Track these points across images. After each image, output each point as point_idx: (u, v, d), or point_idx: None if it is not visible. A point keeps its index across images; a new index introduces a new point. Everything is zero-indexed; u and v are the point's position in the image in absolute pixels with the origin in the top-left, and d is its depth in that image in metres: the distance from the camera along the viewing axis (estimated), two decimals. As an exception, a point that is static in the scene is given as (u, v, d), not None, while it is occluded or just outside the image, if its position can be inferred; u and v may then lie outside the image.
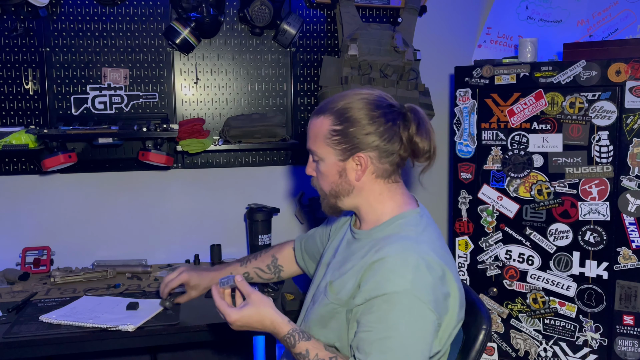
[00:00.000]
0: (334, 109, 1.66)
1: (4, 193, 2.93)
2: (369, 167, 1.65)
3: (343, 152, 1.65)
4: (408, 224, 1.65)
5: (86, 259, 3.00)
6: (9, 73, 2.83)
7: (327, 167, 1.69)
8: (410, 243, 1.56)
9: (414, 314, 1.47)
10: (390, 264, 1.51)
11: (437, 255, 1.57)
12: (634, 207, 2.42)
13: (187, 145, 2.81)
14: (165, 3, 2.93)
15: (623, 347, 2.48)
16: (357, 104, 1.64)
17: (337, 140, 1.64)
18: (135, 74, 2.95)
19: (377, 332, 1.48)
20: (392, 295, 1.47)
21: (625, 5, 3.02)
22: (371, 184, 1.68)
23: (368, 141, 1.62)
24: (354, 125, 1.62)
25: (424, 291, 1.48)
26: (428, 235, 1.63)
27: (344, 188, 1.69)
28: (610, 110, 2.43)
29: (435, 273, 1.52)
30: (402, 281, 1.47)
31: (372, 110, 1.63)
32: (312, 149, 1.71)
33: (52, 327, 2.21)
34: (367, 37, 2.99)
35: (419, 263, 1.50)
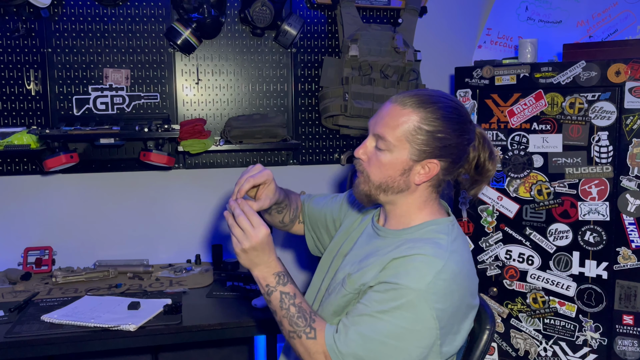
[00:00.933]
0: (426, 107, 1.59)
1: (6, 193, 2.94)
2: (434, 175, 1.61)
3: (420, 153, 1.58)
4: (440, 231, 1.62)
5: (88, 259, 3.01)
6: (11, 74, 2.84)
7: (392, 160, 1.60)
8: (442, 250, 1.53)
9: (415, 314, 1.45)
10: (415, 262, 1.49)
11: (465, 269, 1.56)
12: (634, 207, 2.42)
13: (189, 146, 2.82)
14: (166, 4, 2.94)
15: (623, 347, 2.48)
16: (449, 111, 1.60)
17: (421, 141, 1.57)
18: (136, 74, 2.96)
19: (372, 310, 1.48)
20: (404, 288, 1.46)
21: (625, 6, 3.03)
22: (423, 190, 1.64)
23: (448, 152, 1.59)
24: (443, 132, 1.57)
25: (436, 297, 1.45)
26: (458, 245, 1.60)
27: (398, 185, 1.63)
28: (609, 111, 2.43)
29: (452, 287, 1.50)
30: (420, 280, 1.46)
31: (460, 123, 1.60)
32: (386, 137, 1.60)
33: (54, 326, 2.22)
34: (367, 38, 3.00)
35: (444, 270, 1.48)
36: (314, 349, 1.52)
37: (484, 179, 1.69)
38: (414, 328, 1.45)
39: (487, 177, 1.69)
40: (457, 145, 1.59)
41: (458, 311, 1.53)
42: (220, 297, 2.57)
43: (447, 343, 1.52)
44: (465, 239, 1.68)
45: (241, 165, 3.12)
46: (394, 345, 1.46)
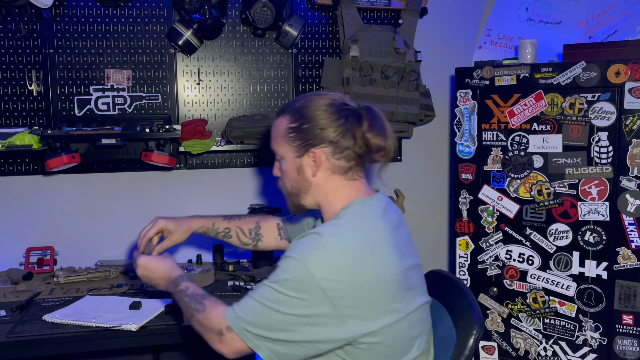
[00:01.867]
0: (291, 108, 1.75)
1: (8, 193, 2.95)
2: (323, 163, 1.70)
3: (299, 149, 1.72)
4: (348, 212, 1.69)
5: (89, 259, 3.02)
6: (12, 74, 2.85)
7: (287, 165, 1.77)
8: (334, 228, 1.61)
9: (302, 284, 1.52)
10: (308, 237, 1.58)
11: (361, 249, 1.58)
12: (633, 207, 2.43)
13: (190, 146, 2.83)
14: (167, 5, 2.95)
15: (622, 347, 2.49)
16: (313, 103, 1.71)
17: (293, 137, 1.72)
18: (138, 75, 2.97)
19: (271, 281, 1.57)
20: (289, 258, 1.55)
21: (625, 7, 3.03)
22: (327, 180, 1.73)
23: (322, 137, 1.68)
24: (308, 122, 1.69)
25: (321, 269, 1.51)
26: (360, 225, 1.64)
27: (303, 185, 1.76)
28: (609, 111, 2.44)
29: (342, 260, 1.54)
30: (305, 252, 1.53)
31: (326, 108, 1.69)
32: (273, 148, 1.80)
33: (56, 326, 2.22)
34: (368, 39, 3.00)
35: (331, 244, 1.54)
36: (204, 318, 1.69)
37: (375, 153, 1.73)
38: (298, 297, 1.52)
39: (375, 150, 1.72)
40: (328, 128, 1.68)
41: (359, 288, 1.54)
42: (221, 297, 2.56)
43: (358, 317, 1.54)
44: (378, 220, 1.69)
45: (242, 166, 3.13)
46: (284, 312, 1.53)
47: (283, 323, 1.54)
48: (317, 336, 1.54)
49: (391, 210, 1.79)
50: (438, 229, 3.54)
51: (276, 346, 1.57)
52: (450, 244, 3.54)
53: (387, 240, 1.65)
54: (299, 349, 1.57)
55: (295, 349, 1.57)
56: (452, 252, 2.91)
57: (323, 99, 1.72)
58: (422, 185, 3.44)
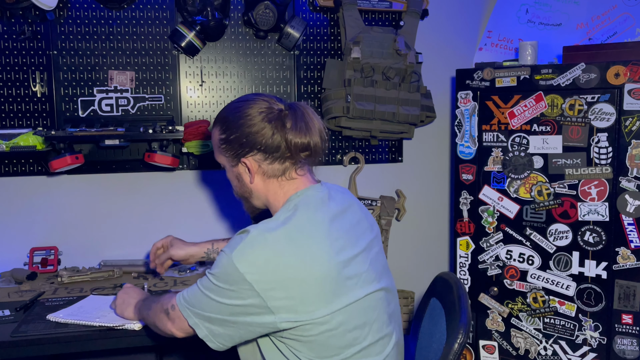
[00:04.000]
0: (219, 118, 1.81)
1: (12, 194, 2.96)
2: (257, 169, 1.76)
3: (232, 159, 1.79)
4: (279, 213, 1.73)
5: (93, 259, 3.03)
6: (17, 75, 2.86)
7: (228, 174, 1.87)
8: (265, 224, 1.67)
9: (229, 276, 1.60)
10: (239, 235, 1.66)
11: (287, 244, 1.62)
12: (633, 207, 2.44)
13: (193, 147, 2.84)
14: (170, 7, 2.96)
15: (622, 346, 2.50)
16: (239, 111, 1.75)
17: (225, 148, 1.79)
18: (141, 76, 2.98)
19: (209, 272, 1.68)
20: (222, 253, 1.63)
21: (624, 9, 3.04)
22: (265, 184, 1.79)
23: (249, 145, 1.73)
24: (235, 132, 1.74)
25: (245, 263, 1.58)
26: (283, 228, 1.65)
27: (245, 191, 1.84)
28: (609, 112, 2.45)
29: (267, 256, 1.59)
30: (232, 247, 1.61)
31: (252, 115, 1.73)
32: (217, 159, 1.88)
33: (59, 326, 2.22)
34: (369, 40, 3.02)
35: (249, 241, 1.61)
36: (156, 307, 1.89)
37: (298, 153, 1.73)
38: (228, 288, 1.61)
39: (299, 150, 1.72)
40: (254, 135, 1.71)
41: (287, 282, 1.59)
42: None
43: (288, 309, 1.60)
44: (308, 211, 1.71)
45: (244, 166, 3.14)
46: (215, 300, 1.64)
47: (217, 309, 1.65)
48: (249, 322, 1.63)
49: (333, 199, 1.80)
50: (439, 229, 3.55)
51: (212, 325, 1.68)
52: (451, 244, 3.55)
53: (319, 233, 1.67)
54: (234, 331, 1.66)
55: (230, 330, 1.67)
56: (452, 252, 2.93)
57: (248, 106, 1.75)
58: (423, 186, 3.46)
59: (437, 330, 1.88)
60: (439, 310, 1.93)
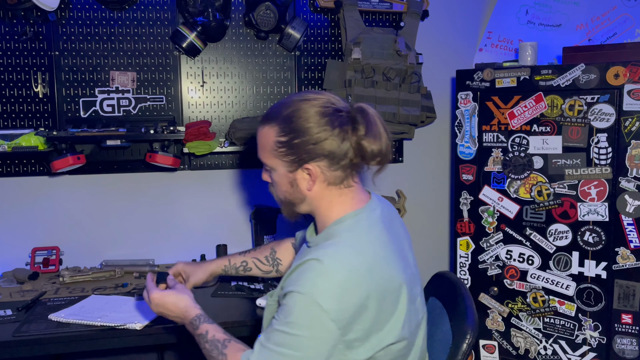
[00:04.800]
0: (279, 118, 1.61)
1: (14, 194, 2.97)
2: (319, 176, 1.61)
3: (291, 164, 1.61)
4: (342, 229, 1.61)
5: (94, 259, 3.03)
6: (18, 76, 2.87)
7: (279, 178, 1.66)
8: (331, 250, 1.52)
9: (311, 319, 1.45)
10: (305, 267, 1.49)
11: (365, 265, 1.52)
12: (632, 207, 2.45)
13: (194, 147, 2.85)
14: (172, 8, 2.97)
15: (621, 345, 2.51)
16: (302, 112, 1.58)
17: (284, 152, 1.60)
18: (142, 77, 2.99)
19: (280, 323, 1.49)
20: (295, 294, 1.46)
21: (624, 9, 3.04)
22: (323, 191, 1.64)
23: (316, 151, 1.57)
24: (300, 136, 1.57)
25: (328, 299, 1.44)
26: (358, 241, 1.57)
27: (297, 197, 1.66)
28: (608, 113, 2.46)
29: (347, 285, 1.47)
30: (307, 285, 1.45)
31: (318, 118, 1.57)
32: (263, 160, 1.69)
33: (61, 325, 2.23)
34: (370, 41, 3.02)
35: (330, 271, 1.47)
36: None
37: (371, 160, 1.63)
38: (310, 335, 1.46)
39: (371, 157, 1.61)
40: (323, 141, 1.56)
41: (365, 308, 1.49)
42: (225, 297, 2.59)
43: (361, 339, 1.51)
44: (378, 229, 1.63)
45: (245, 167, 3.15)
46: (293, 355, 1.47)
47: None
48: None
49: (385, 214, 1.72)
50: (439, 230, 3.56)
51: None
52: (451, 244, 3.55)
53: (388, 253, 1.59)
54: None
55: None
56: (453, 252, 2.93)
57: (312, 106, 1.58)
58: (423, 186, 3.46)
59: (439, 330, 1.84)
60: (440, 310, 1.90)
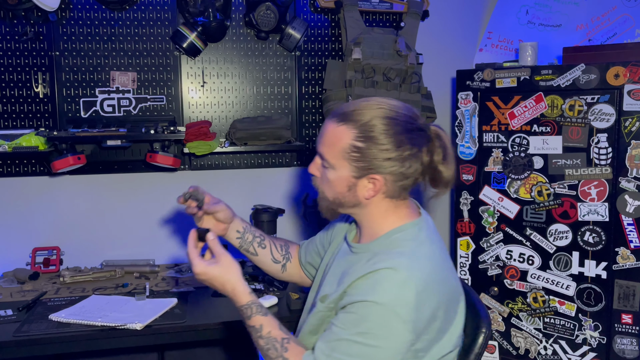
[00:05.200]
0: (358, 122, 1.55)
1: (15, 194, 2.97)
2: (381, 188, 1.58)
3: (359, 170, 1.56)
4: (406, 237, 1.59)
5: (95, 259, 3.04)
6: (19, 76, 2.87)
7: (337, 178, 1.60)
8: (405, 260, 1.50)
9: (389, 329, 1.43)
10: (380, 276, 1.46)
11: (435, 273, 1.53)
12: (632, 207, 2.45)
13: (194, 148, 2.85)
14: (172, 8, 2.97)
15: (622, 345, 2.51)
16: (383, 123, 1.54)
17: (356, 158, 1.55)
18: (143, 77, 2.99)
19: (349, 333, 1.45)
20: (371, 304, 1.43)
21: (624, 10, 3.05)
22: (380, 201, 1.61)
23: (387, 165, 1.54)
24: (376, 147, 1.53)
25: (406, 309, 1.43)
26: (425, 250, 1.57)
27: (349, 201, 1.62)
28: (609, 113, 2.46)
29: (422, 294, 1.46)
30: (386, 295, 1.43)
31: (398, 134, 1.53)
32: (325, 156, 1.61)
33: (62, 325, 2.24)
34: (370, 41, 3.02)
35: (408, 281, 1.45)
36: None
37: (438, 184, 1.64)
38: (388, 346, 1.44)
39: (440, 181, 1.63)
40: (398, 158, 1.54)
41: (435, 318, 1.50)
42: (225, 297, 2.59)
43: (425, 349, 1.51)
44: (436, 240, 1.64)
45: (246, 167, 3.15)
46: None
47: None
48: None
49: (432, 223, 1.72)
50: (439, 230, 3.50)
51: None
52: (451, 244, 3.55)
53: (448, 262, 1.62)
54: None
55: None
56: (453, 252, 2.93)
57: (397, 122, 1.54)
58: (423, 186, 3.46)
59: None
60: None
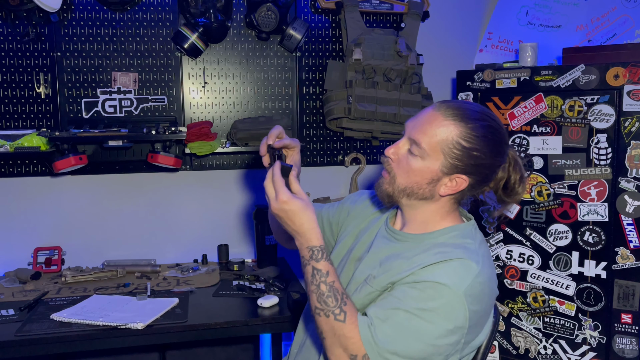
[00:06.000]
0: (468, 122, 1.56)
1: (17, 194, 2.98)
2: (460, 189, 1.60)
3: (452, 167, 1.57)
4: (465, 236, 1.62)
5: (96, 259, 3.05)
6: (21, 77, 2.88)
7: (422, 167, 1.59)
8: (474, 255, 1.53)
9: (452, 312, 1.46)
10: (455, 264, 1.50)
11: (492, 272, 1.59)
12: (632, 208, 2.45)
13: (195, 148, 2.86)
14: (173, 9, 2.98)
15: (621, 345, 2.51)
16: (488, 130, 1.57)
17: (456, 155, 1.56)
18: (144, 77, 3.00)
19: (410, 306, 1.47)
20: (443, 286, 1.45)
21: (623, 10, 3.05)
22: (446, 201, 1.64)
23: (479, 171, 1.58)
24: (478, 150, 1.56)
25: (472, 299, 1.47)
26: (484, 249, 1.62)
27: (423, 193, 1.62)
28: (608, 114, 2.46)
29: (485, 290, 1.52)
30: (460, 282, 1.46)
31: (497, 145, 1.59)
32: (422, 144, 1.58)
33: (63, 325, 2.25)
34: (371, 42, 3.03)
35: (480, 274, 1.49)
36: (341, 332, 1.48)
37: (512, 201, 1.69)
38: (449, 327, 1.45)
39: (515, 199, 1.69)
40: (489, 166, 1.59)
41: (486, 314, 1.57)
42: (226, 297, 2.61)
43: (469, 342, 1.55)
44: (486, 243, 1.70)
45: (247, 167, 3.16)
46: (429, 343, 1.45)
47: (422, 352, 1.46)
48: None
49: None
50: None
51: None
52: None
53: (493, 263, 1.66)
54: None
55: None
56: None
57: (495, 128, 1.59)
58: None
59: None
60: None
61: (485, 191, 1.68)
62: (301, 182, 2.16)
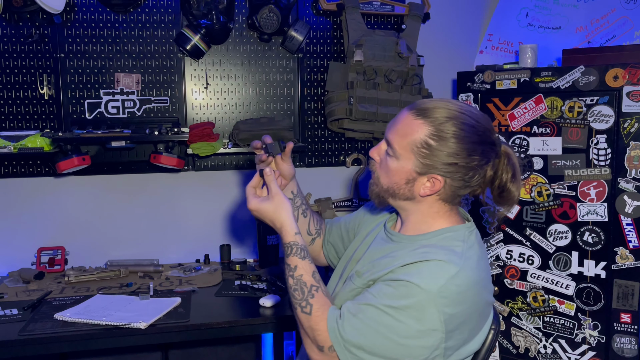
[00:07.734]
0: (436, 121, 1.53)
1: (20, 195, 2.99)
2: (439, 190, 1.57)
3: (422, 167, 1.55)
4: (457, 238, 1.59)
5: (99, 259, 3.06)
6: (24, 78, 2.90)
7: (398, 168, 1.59)
8: (457, 257, 1.50)
9: (423, 313, 1.43)
10: (431, 265, 1.47)
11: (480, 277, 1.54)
12: (631, 208, 2.46)
13: (198, 149, 2.87)
14: (176, 10, 3.00)
15: (620, 344, 2.52)
16: (459, 127, 1.52)
17: (424, 154, 1.53)
18: (147, 79, 3.01)
19: (381, 303, 1.46)
20: (414, 286, 1.43)
21: (623, 12, 3.06)
22: (434, 202, 1.61)
23: (451, 169, 1.54)
24: (447, 149, 1.52)
25: (447, 302, 1.43)
26: (474, 253, 1.57)
27: (404, 193, 1.61)
28: (608, 115, 2.47)
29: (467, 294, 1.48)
30: (432, 283, 1.43)
31: (471, 142, 1.53)
32: (393, 145, 1.59)
33: (66, 324, 2.25)
34: (372, 44, 3.05)
35: (457, 276, 1.46)
36: (308, 324, 1.54)
37: (505, 202, 1.64)
38: (419, 328, 1.44)
39: (508, 199, 1.63)
40: (465, 166, 1.53)
41: (470, 319, 1.52)
42: (228, 296, 2.62)
43: (455, 348, 1.52)
44: (482, 247, 1.65)
45: (248, 168, 3.17)
46: (397, 342, 1.45)
47: (391, 351, 1.46)
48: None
49: None
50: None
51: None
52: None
53: (489, 270, 1.64)
54: None
55: None
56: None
57: (473, 127, 1.53)
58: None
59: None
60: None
61: (476, 191, 1.63)
62: (303, 182, 2.18)
